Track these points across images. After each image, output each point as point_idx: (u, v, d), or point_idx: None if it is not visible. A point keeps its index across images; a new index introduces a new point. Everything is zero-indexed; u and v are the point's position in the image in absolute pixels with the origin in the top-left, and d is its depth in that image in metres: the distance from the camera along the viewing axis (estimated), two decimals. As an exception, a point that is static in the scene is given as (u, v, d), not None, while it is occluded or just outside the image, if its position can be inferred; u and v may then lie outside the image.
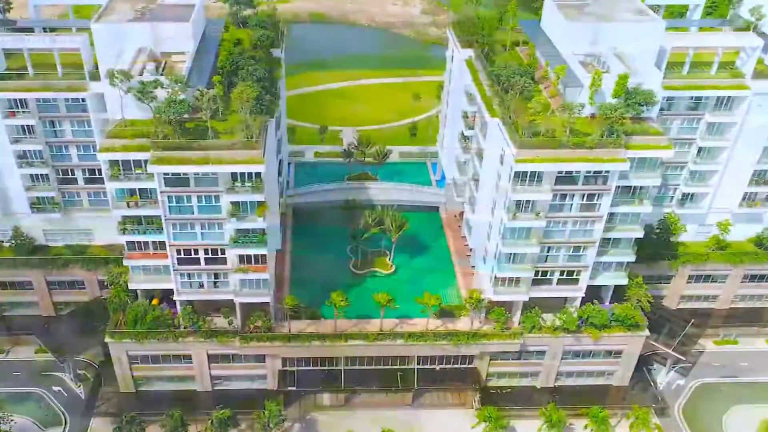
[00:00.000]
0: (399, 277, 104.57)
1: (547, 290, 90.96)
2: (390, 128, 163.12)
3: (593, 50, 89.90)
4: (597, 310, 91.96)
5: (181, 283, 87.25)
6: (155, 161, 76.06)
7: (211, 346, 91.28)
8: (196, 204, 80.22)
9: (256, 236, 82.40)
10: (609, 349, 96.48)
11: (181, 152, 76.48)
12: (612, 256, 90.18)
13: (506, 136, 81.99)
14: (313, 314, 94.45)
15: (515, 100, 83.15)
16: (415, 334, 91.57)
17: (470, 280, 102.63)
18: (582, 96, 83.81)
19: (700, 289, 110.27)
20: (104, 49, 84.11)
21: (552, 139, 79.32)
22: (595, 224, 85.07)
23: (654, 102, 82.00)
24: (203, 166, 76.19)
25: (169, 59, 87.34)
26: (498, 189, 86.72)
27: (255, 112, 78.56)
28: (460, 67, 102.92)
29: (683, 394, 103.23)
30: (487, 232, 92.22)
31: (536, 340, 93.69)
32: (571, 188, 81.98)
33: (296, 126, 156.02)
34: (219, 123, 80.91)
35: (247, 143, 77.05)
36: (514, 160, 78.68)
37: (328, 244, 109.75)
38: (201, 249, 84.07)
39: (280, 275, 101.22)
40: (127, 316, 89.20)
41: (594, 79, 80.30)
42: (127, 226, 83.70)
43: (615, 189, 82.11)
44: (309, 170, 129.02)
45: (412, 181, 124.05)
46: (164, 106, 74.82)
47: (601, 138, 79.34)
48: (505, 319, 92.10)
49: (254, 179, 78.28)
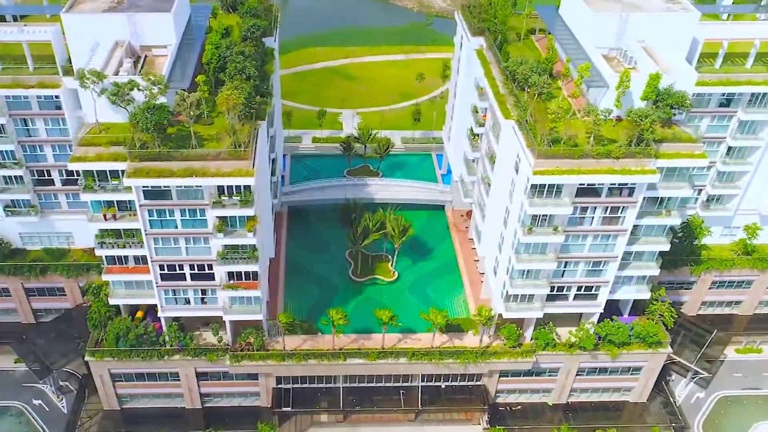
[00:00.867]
0: (402, 284, 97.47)
1: (562, 306, 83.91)
2: (392, 111, 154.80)
3: (619, 43, 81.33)
4: (616, 327, 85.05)
5: (165, 300, 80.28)
6: (132, 173, 68.27)
7: (200, 363, 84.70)
8: (180, 218, 72.69)
9: (246, 252, 75.03)
10: (627, 366, 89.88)
11: (161, 163, 68.65)
12: (634, 270, 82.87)
13: (522, 142, 73.96)
14: (310, 328, 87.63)
15: (533, 102, 74.79)
16: (419, 353, 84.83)
17: (478, 288, 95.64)
18: (606, 97, 75.53)
19: (723, 295, 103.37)
20: (77, 43, 75.67)
21: (574, 148, 71.27)
22: (618, 238, 77.58)
23: (688, 106, 73.72)
24: (186, 179, 68.38)
25: (150, 53, 78.90)
26: (512, 199, 79.02)
27: (244, 117, 70.51)
28: (470, 56, 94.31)
29: (703, 409, 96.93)
30: (499, 243, 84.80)
31: (550, 358, 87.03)
32: (594, 201, 74.31)
33: (293, 108, 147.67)
34: (204, 127, 73.02)
35: (234, 153, 69.22)
36: (532, 171, 70.80)
37: (325, 247, 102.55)
38: (186, 264, 76.81)
39: (274, 282, 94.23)
40: (108, 334, 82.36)
41: (622, 79, 71.92)
42: (105, 239, 76.17)
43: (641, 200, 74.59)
44: (306, 163, 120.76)
45: (416, 174, 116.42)
46: (140, 112, 66.68)
47: (629, 147, 71.33)
48: (516, 336, 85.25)
49: (243, 192, 70.59)
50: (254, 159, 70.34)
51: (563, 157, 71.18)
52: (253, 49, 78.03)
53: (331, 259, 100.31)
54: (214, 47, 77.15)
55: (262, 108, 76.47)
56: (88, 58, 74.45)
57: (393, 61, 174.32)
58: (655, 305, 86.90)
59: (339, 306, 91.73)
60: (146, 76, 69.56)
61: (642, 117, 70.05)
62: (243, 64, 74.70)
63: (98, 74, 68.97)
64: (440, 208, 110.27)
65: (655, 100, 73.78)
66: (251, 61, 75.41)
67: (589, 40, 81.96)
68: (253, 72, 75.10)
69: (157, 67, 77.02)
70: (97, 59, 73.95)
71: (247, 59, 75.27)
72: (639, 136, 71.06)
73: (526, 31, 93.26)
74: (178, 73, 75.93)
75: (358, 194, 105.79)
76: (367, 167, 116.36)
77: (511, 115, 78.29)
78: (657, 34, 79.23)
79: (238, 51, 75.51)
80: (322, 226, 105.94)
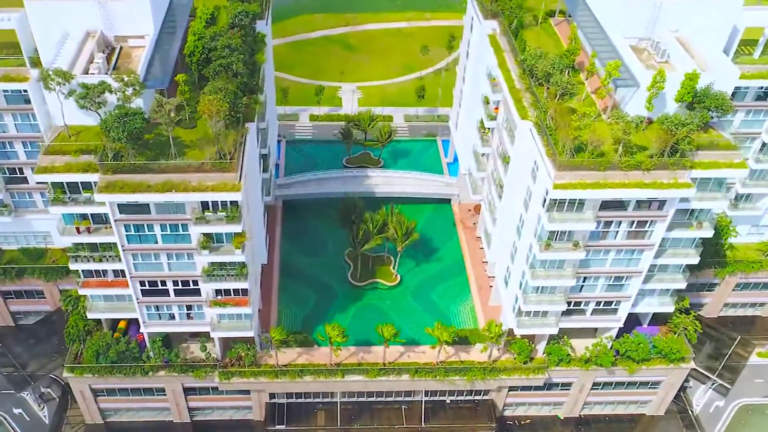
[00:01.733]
0: (404, 289, 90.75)
1: (579, 321, 77.43)
2: (394, 85, 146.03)
3: (650, 33, 72.84)
4: (636, 342, 78.70)
5: (147, 315, 73.68)
6: (104, 188, 60.76)
7: (187, 379, 78.72)
8: (160, 233, 65.50)
9: (234, 269, 68.09)
10: (646, 380, 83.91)
11: (137, 176, 61.12)
12: (658, 283, 76.07)
13: (541, 149, 66.21)
14: (305, 341, 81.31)
15: (555, 105, 66.76)
16: (423, 369, 78.65)
17: (487, 293, 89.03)
18: (636, 97, 67.49)
19: (747, 297, 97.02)
20: (43, 33, 67.39)
21: (600, 159, 63.54)
22: (643, 253, 70.54)
23: (728, 110, 65.67)
24: (165, 194, 60.93)
25: (125, 44, 70.53)
26: (527, 208, 71.68)
27: (229, 122, 62.70)
28: (481, 41, 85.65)
29: (723, 419, 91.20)
30: (511, 252, 77.77)
31: (563, 373, 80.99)
32: (619, 215, 67.00)
33: (289, 83, 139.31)
34: (186, 131, 65.28)
35: (219, 164, 61.59)
36: (552, 185, 63.26)
37: (323, 247, 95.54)
38: (169, 280, 69.99)
39: (267, 287, 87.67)
40: (86, 351, 76.12)
41: (655, 79, 63.77)
42: (80, 253, 69.17)
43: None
44: (302, 150, 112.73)
45: (420, 163, 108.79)
46: (112, 120, 58.80)
47: (661, 157, 63.67)
48: (528, 351, 79.03)
49: (230, 208, 63.26)
50: (241, 169, 62.78)
51: (587, 169, 63.55)
52: (240, 40, 69.50)
53: (329, 261, 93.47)
54: (197, 38, 68.71)
55: (251, 108, 68.51)
56: (56, 51, 66.31)
57: (396, 29, 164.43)
58: (678, 318, 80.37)
59: (337, 313, 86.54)
60: (119, 76, 61.40)
61: (677, 126, 62.13)
62: (229, 60, 66.37)
63: (64, 74, 60.90)
64: (446, 202, 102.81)
65: (691, 102, 65.79)
66: (239, 56, 67.04)
67: (616, 29, 73.37)
68: (240, 68, 66.86)
69: (134, 60, 68.79)
70: (65, 53, 65.90)
71: (234, 53, 66.88)
72: (673, 145, 63.27)
73: (544, 14, 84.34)
74: (157, 67, 67.58)
75: (358, 188, 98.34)
76: (368, 155, 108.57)
77: (528, 116, 70.32)
78: (694, 22, 70.61)
79: (223, 44, 67.01)
80: (318, 222, 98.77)
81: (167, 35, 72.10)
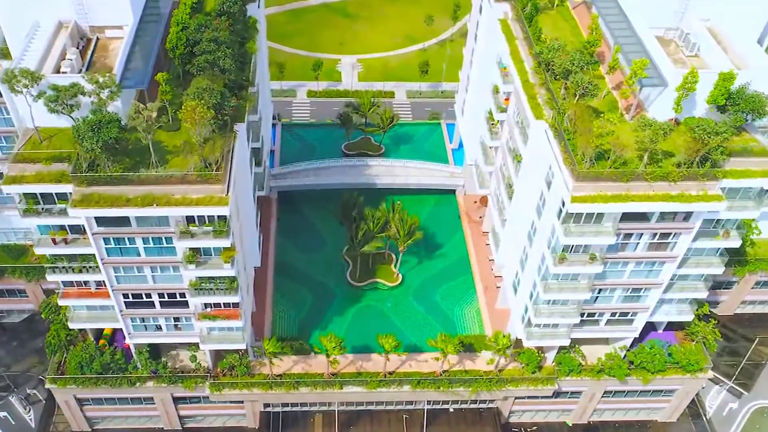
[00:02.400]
0: (406, 288, 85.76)
1: (592, 331, 72.82)
2: (396, 57, 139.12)
3: (679, 23, 66.42)
4: (652, 354, 74.28)
5: (133, 327, 69.01)
6: (78, 202, 55.26)
7: (177, 389, 74.53)
8: (143, 245, 60.28)
9: (223, 283, 63.08)
10: (660, 389, 79.79)
11: (114, 188, 55.57)
12: (678, 292, 71.18)
13: (558, 155, 60.46)
14: (301, 348, 76.76)
15: (574, 107, 60.71)
16: (425, 380, 74.37)
17: (494, 294, 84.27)
18: (663, 96, 61.51)
19: (766, 294, 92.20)
20: (11, 23, 60.95)
21: (623, 168, 57.88)
22: (665, 265, 65.47)
23: (765, 114, 59.60)
24: (145, 208, 55.48)
25: (102, 35, 64.11)
26: (540, 215, 66.27)
27: (216, 127, 56.89)
28: (491, 25, 78.86)
29: (737, 423, 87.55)
30: (521, 258, 72.66)
31: (574, 383, 76.81)
32: (642, 227, 61.68)
33: (286, 56, 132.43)
34: (169, 135, 59.47)
35: (205, 175, 55.94)
36: (570, 197, 57.75)
37: (320, 242, 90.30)
38: (154, 293, 65.06)
39: (261, 287, 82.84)
40: (69, 363, 71.71)
41: (686, 80, 57.71)
42: (58, 264, 64.09)
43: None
44: (299, 134, 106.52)
45: (424, 149, 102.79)
46: (84, 128, 52.91)
47: (689, 168, 58.02)
48: (537, 361, 74.69)
49: (217, 222, 57.89)
50: (229, 179, 57.13)
51: (609, 180, 57.96)
52: (228, 31, 62.98)
53: (327, 257, 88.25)
54: (181, 28, 62.25)
55: (241, 107, 62.53)
56: (24, 45, 59.96)
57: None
58: (697, 326, 75.77)
59: (335, 315, 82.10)
60: (93, 76, 55.19)
61: (710, 134, 56.24)
62: (215, 55, 60.04)
63: (32, 75, 54.73)
64: (451, 192, 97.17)
65: (723, 104, 59.85)
66: (226, 50, 60.67)
67: (641, 17, 66.87)
68: (228, 64, 60.60)
69: (111, 54, 62.50)
70: (34, 48, 59.54)
71: (221, 47, 60.49)
72: (705, 154, 57.53)
73: (560, -5, 77.61)
74: (137, 64, 61.11)
75: (358, 178, 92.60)
76: (368, 140, 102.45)
77: (543, 115, 64.37)
78: (729, 10, 64.10)
79: (209, 37, 60.56)
80: (316, 214, 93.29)
81: (149, 24, 65.45)
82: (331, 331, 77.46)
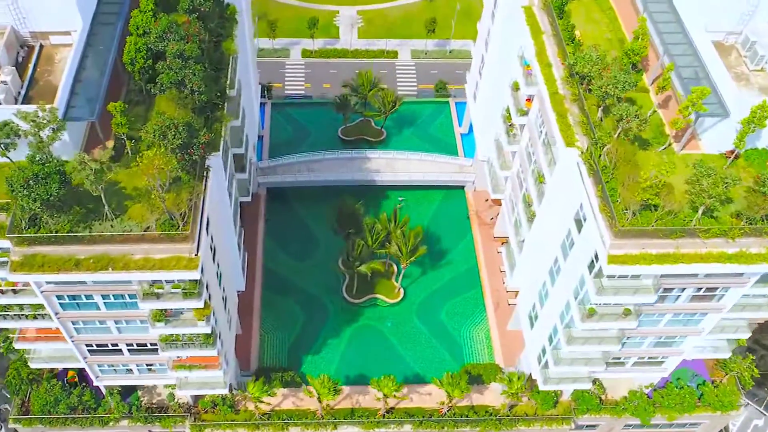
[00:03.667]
0: (409, 305, 77.34)
1: (617, 372, 64.98)
2: (400, 9, 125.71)
3: (742, 27, 55.16)
4: (682, 395, 66.81)
5: (100, 370, 61.10)
6: (19, 265, 45.96)
7: (154, 428, 67.48)
8: (102, 302, 51.44)
9: (198, 339, 54.61)
10: (684, 422, 72.91)
11: (61, 248, 46.15)
12: (719, 333, 62.87)
13: (592, 199, 50.64)
14: (291, 380, 69.12)
15: (615, 144, 50.32)
16: (428, 421, 67.20)
17: (505, 313, 75.97)
18: (724, 126, 51.25)
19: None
20: (-72, 29, 49.85)
21: (671, 226, 48.25)
22: (708, 315, 56.86)
23: None
24: (99, 273, 46.23)
25: (47, 42, 52.94)
26: (566, 257, 57.00)
27: (182, 170, 46.94)
28: (514, 12, 66.99)
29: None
30: (540, 293, 63.81)
31: (592, 420, 69.82)
32: (687, 283, 52.62)
33: (278, 9, 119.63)
34: (127, 173, 49.48)
35: (170, 233, 46.40)
36: (606, 257, 48.41)
37: (313, 248, 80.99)
38: (121, 342, 56.73)
39: (247, 303, 74.53)
40: (32, 405, 64.24)
41: (755, 113, 47.37)
42: (9, 312, 55.40)
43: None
44: (291, 115, 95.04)
45: (429, 134, 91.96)
46: (18, 183, 42.92)
47: (753, 223, 48.45)
48: (552, 401, 67.38)
49: (187, 283, 48.78)
50: (200, 236, 47.61)
51: (653, 236, 48.48)
52: (197, 43, 51.48)
53: (320, 265, 78.96)
54: (139, 35, 51.10)
55: (215, 133, 52.17)
56: (-50, 57, 49.20)
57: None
58: (733, 363, 68.05)
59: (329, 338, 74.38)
60: (28, 114, 44.58)
61: (783, 190, 46.41)
62: (183, 73, 49.12)
63: (-50, 110, 44.37)
64: (459, 187, 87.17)
65: (796, 140, 49.76)
66: (195, 66, 49.59)
67: (694, 17, 55.52)
68: (197, 84, 49.74)
69: (58, 67, 51.72)
70: (-37, 60, 48.82)
71: (188, 64, 49.36)
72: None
73: (596, -21, 65.36)
74: (88, 84, 50.06)
75: (355, 174, 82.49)
76: (368, 123, 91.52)
77: (575, 143, 54.07)
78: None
79: (174, 51, 49.32)
80: (308, 213, 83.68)
81: (104, 27, 53.94)
82: (324, 356, 70.23)
